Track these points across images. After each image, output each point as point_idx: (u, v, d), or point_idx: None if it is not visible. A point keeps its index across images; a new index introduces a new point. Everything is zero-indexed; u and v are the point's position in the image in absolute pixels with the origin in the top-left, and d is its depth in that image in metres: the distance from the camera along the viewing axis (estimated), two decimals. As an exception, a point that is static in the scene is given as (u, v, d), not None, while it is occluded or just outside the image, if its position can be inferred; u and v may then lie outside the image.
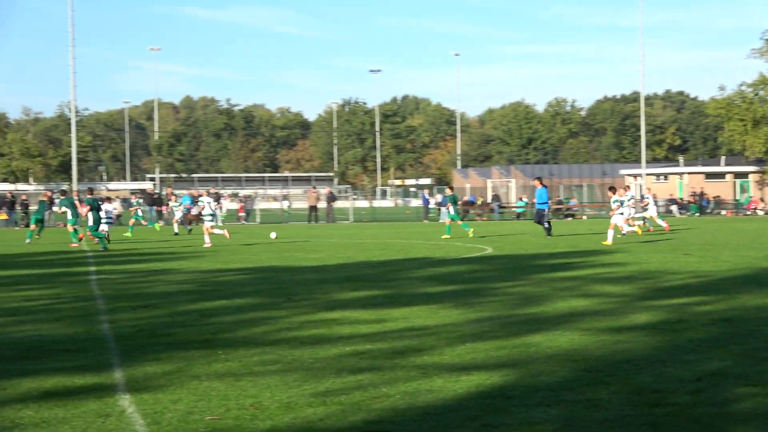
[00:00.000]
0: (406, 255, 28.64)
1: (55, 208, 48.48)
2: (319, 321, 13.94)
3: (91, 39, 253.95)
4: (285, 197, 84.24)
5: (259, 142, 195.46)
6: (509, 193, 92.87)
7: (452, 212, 39.21)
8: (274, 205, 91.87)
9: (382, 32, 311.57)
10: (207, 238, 33.85)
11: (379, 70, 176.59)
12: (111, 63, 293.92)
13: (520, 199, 75.67)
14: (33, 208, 71.73)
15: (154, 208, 61.71)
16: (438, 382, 9.51)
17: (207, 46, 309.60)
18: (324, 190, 73.96)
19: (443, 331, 12.86)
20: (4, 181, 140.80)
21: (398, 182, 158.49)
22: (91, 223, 33.70)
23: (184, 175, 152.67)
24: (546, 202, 38.71)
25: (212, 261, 26.68)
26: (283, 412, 8.35)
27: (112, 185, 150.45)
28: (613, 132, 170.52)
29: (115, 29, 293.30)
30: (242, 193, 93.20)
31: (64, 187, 72.04)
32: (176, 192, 63.82)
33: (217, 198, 64.47)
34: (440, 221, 63.46)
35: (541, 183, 39.61)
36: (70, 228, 34.91)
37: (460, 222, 39.83)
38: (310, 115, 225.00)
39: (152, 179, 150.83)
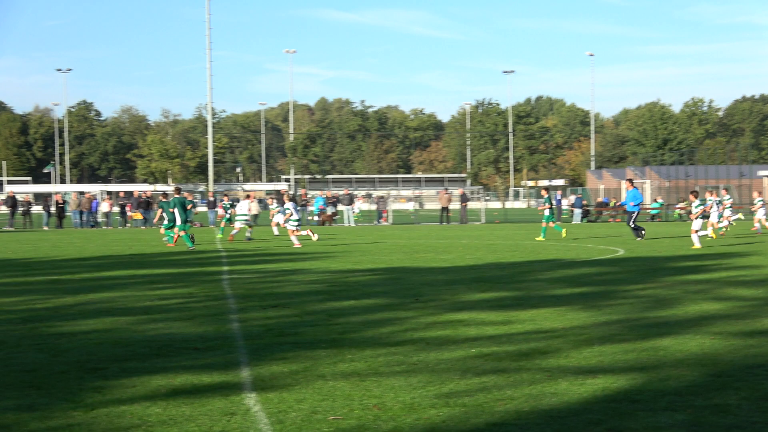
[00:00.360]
0: (536, 257, 28.41)
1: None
2: (445, 322, 13.92)
3: (228, 42, 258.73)
4: (414, 199, 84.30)
5: (393, 143, 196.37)
6: (644, 195, 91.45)
7: (547, 214, 38.77)
8: (407, 205, 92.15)
9: (517, 33, 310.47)
10: (295, 240, 34.88)
11: (512, 71, 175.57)
12: (248, 66, 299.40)
13: (655, 201, 74.45)
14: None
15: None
16: (563, 385, 9.40)
17: (342, 48, 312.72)
18: (457, 191, 73.89)
19: (570, 333, 12.72)
20: (144, 181, 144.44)
21: (531, 183, 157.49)
22: (178, 222, 34.52)
23: (318, 176, 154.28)
24: (637, 204, 37.96)
25: (343, 261, 26.87)
26: (406, 413, 8.36)
27: (248, 186, 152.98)
28: (751, 132, 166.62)
29: (252, 32, 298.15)
30: (375, 194, 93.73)
31: (194, 188, 73.35)
32: (310, 193, 64.49)
33: (350, 199, 64.96)
34: (572, 222, 62.92)
35: (632, 184, 39.05)
36: (175, 230, 35.34)
37: (552, 224, 39.22)
38: (444, 117, 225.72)
39: (287, 180, 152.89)
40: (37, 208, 72.73)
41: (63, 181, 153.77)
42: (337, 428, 7.94)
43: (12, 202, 63.40)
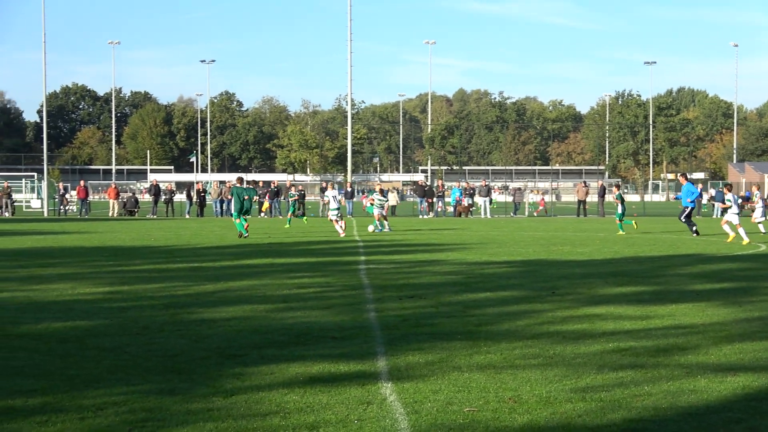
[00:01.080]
0: (675, 251, 27.92)
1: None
2: (582, 316, 13.81)
3: (368, 33, 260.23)
4: (550, 191, 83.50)
5: (531, 134, 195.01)
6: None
7: (620, 210, 38.03)
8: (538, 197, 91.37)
9: (658, 23, 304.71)
10: (339, 228, 36.15)
11: (654, 62, 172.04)
12: (387, 56, 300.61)
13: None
14: (309, 198, 74.29)
15: (425, 199, 62.60)
16: (702, 382, 9.26)
17: (481, 39, 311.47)
18: (595, 184, 73.03)
19: (710, 329, 12.50)
20: (283, 171, 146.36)
21: (671, 176, 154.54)
22: (233, 211, 35.32)
23: (455, 167, 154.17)
24: (692, 201, 36.85)
25: (479, 253, 26.82)
26: (542, 407, 8.33)
27: (386, 177, 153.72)
28: None
29: (391, 23, 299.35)
30: (512, 185, 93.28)
31: (334, 178, 73.88)
32: (447, 184, 64.45)
33: (488, 191, 64.72)
34: (714, 217, 61.57)
35: (686, 178, 37.95)
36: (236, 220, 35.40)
37: (619, 221, 38.33)
38: (583, 108, 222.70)
39: (424, 171, 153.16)
40: (179, 197, 74.38)
41: (204, 171, 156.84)
42: (472, 420, 7.96)
43: (156, 190, 65.03)
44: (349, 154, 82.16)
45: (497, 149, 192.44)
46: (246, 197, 34.74)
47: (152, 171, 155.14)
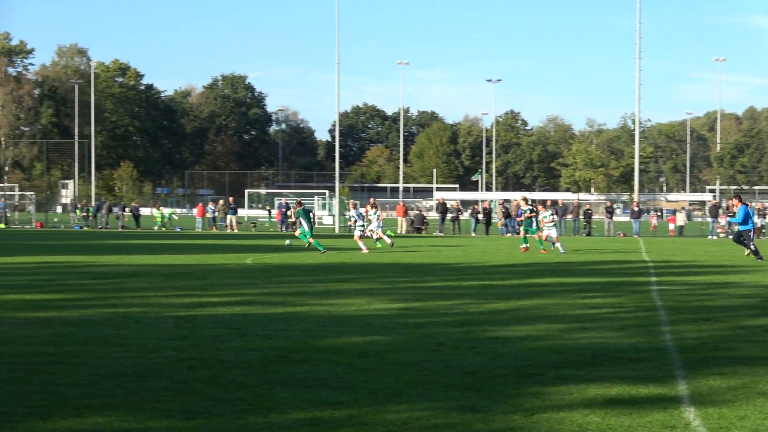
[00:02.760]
0: None
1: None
2: None
3: (655, 51, 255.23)
4: None
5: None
6: None
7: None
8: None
9: None
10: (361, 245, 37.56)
11: None
12: (675, 74, 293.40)
13: None
14: (596, 218, 73.39)
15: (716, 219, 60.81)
16: None
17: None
18: None
19: None
20: (567, 190, 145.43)
21: None
22: (306, 230, 37.80)
23: (744, 186, 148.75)
24: (745, 222, 33.98)
25: (777, 276, 25.79)
26: None
27: (672, 196, 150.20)
28: None
29: (680, 41, 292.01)
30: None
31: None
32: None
33: (764, 213, 62.14)
34: None
35: (741, 201, 34.97)
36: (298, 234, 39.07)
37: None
38: None
39: (712, 191, 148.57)
40: (465, 215, 75.20)
41: (489, 189, 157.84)
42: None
43: (443, 208, 66.07)
44: (636, 173, 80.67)
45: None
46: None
47: (438, 189, 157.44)
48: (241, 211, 79.92)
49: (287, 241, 42.75)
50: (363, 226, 39.62)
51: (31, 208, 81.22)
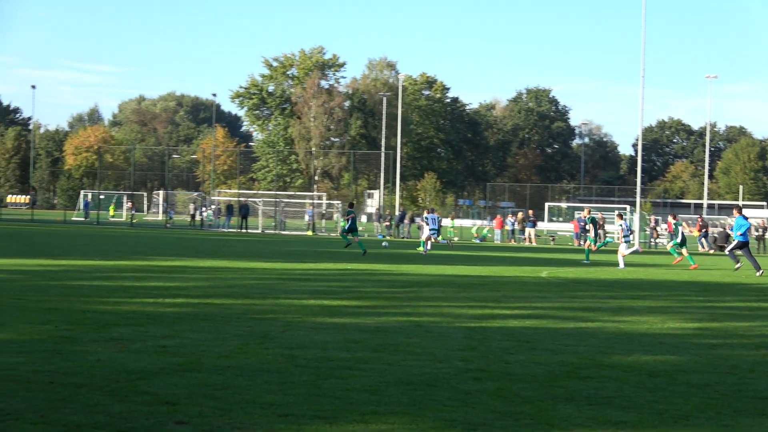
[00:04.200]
0: None
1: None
2: None
3: None
4: None
5: None
6: None
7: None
8: None
9: None
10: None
11: None
12: None
13: None
14: None
15: None
16: None
17: None
18: None
19: None
20: None
21: None
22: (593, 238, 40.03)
23: None
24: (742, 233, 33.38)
25: None
26: None
27: None
28: None
29: None
30: None
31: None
32: None
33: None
34: None
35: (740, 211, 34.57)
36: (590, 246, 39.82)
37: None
38: None
39: None
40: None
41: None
42: None
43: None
44: None
45: None
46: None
47: (744, 206, 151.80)
48: (540, 224, 79.90)
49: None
50: (432, 229, 41.82)
51: (337, 216, 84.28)
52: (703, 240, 64.01)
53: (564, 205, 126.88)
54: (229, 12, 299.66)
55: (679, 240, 40.07)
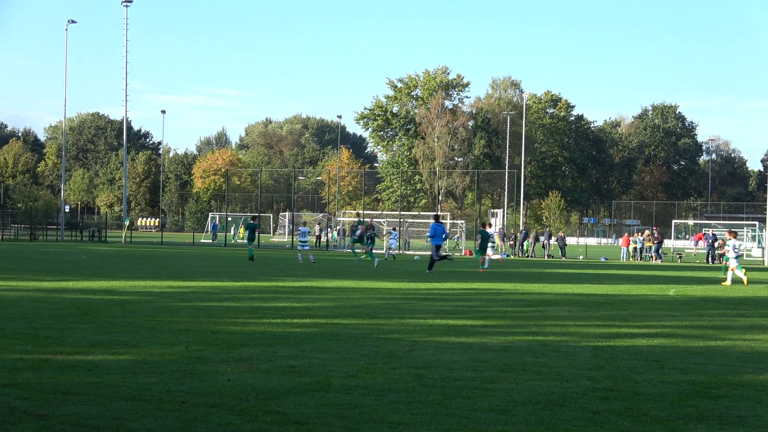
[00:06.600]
0: None
1: None
2: None
3: None
4: None
5: None
6: None
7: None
8: None
9: None
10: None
11: None
12: None
13: None
14: None
15: None
16: None
17: None
18: None
19: None
20: None
21: None
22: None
23: None
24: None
25: None
26: None
27: None
28: None
29: None
30: None
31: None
32: None
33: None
34: None
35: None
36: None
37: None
38: None
39: None
40: None
41: None
42: None
43: None
44: None
45: None
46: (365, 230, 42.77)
47: None
48: (667, 242, 78.56)
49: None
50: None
51: (462, 236, 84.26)
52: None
53: (691, 222, 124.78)
54: (353, 34, 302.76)
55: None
